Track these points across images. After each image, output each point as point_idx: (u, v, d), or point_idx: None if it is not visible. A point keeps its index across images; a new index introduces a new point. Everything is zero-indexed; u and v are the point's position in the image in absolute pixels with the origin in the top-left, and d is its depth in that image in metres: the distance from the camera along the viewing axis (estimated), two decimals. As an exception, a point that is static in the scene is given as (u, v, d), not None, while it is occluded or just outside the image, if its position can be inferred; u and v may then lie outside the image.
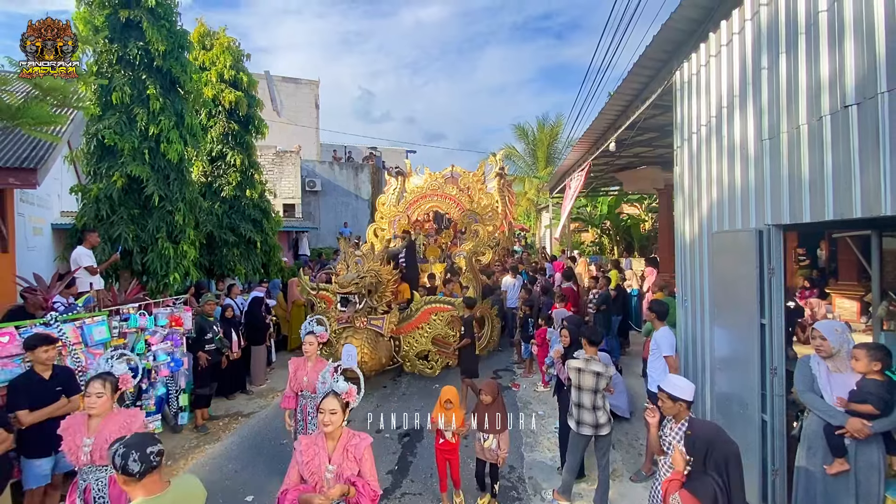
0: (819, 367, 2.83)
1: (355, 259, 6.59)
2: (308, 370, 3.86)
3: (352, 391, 2.51)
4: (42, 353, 3.36)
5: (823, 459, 2.72)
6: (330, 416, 2.33)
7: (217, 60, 8.76)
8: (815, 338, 2.82)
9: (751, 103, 3.37)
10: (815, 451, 2.76)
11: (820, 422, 2.73)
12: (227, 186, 8.66)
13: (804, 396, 2.82)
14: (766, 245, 3.19)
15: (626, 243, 17.24)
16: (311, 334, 4.03)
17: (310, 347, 3.93)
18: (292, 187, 16.48)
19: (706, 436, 2.21)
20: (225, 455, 4.81)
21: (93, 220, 6.10)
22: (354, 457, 2.33)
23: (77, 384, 3.65)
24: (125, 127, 6.23)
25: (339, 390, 2.46)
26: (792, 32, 2.89)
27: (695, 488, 2.13)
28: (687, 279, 4.54)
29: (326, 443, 2.36)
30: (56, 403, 3.38)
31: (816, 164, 2.72)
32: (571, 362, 3.74)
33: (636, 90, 5.97)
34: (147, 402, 4.88)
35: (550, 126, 21.43)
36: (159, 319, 5.06)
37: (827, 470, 2.67)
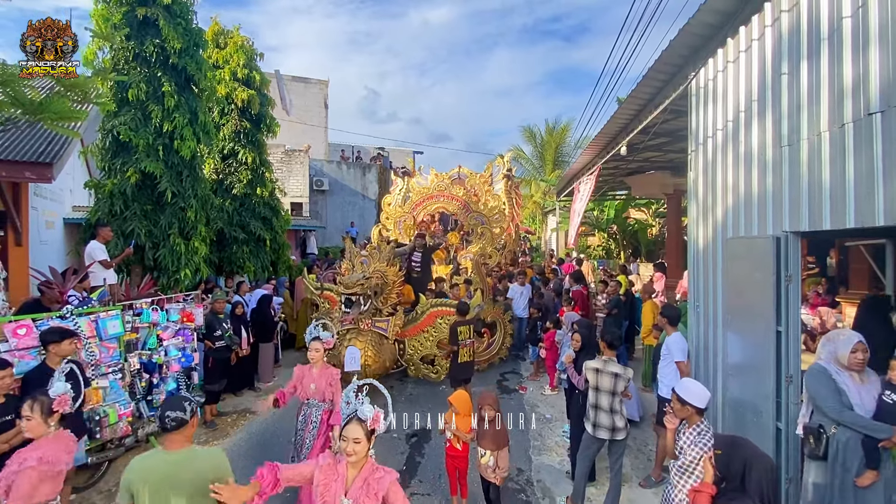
0: (843, 378, 2.73)
1: (360, 259, 6.56)
2: (314, 377, 3.70)
3: (378, 416, 2.19)
4: (67, 345, 3.43)
5: (857, 473, 2.62)
6: (353, 445, 2.07)
7: (230, 59, 8.83)
8: (857, 351, 2.71)
9: (770, 109, 3.36)
10: (850, 465, 2.63)
11: (855, 436, 2.62)
12: (238, 184, 8.72)
13: (844, 416, 2.67)
14: (784, 252, 3.17)
15: (632, 248, 17.19)
16: (317, 340, 3.83)
17: (315, 354, 3.75)
18: (300, 186, 16.56)
19: (741, 454, 2.12)
20: (234, 451, 4.83)
21: (106, 215, 6.15)
22: (375, 493, 2.07)
23: (87, 378, 3.68)
24: (140, 123, 6.28)
25: (365, 416, 2.14)
26: (814, 38, 2.88)
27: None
28: (699, 285, 4.52)
29: (347, 471, 2.12)
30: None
31: (838, 171, 2.70)
32: (589, 363, 3.73)
33: (650, 94, 5.96)
34: (157, 397, 4.91)
35: (560, 129, 21.39)
36: (171, 315, 5.09)
37: (858, 482, 2.58)
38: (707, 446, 2.52)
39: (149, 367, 4.83)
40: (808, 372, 2.90)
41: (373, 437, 2.18)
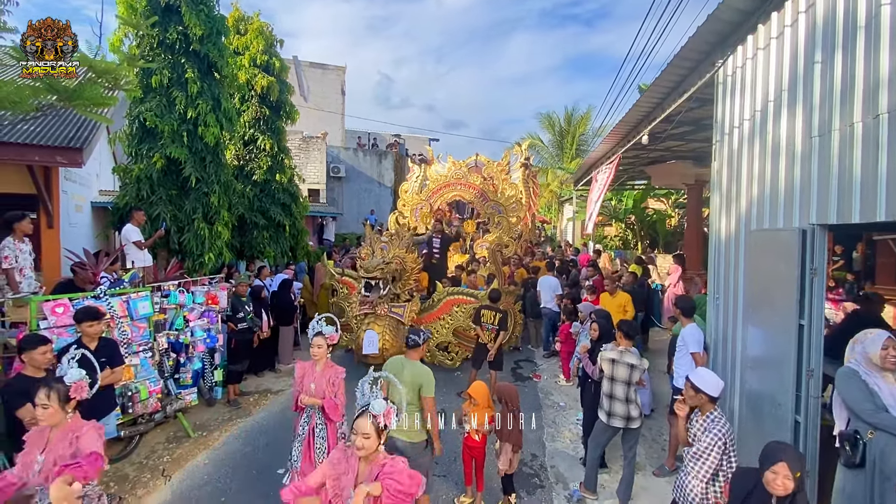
0: (874, 379, 2.62)
1: (381, 244, 6.65)
2: (316, 376, 3.46)
3: (390, 412, 2.14)
4: (87, 327, 3.46)
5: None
6: (363, 439, 2.05)
7: (251, 45, 8.89)
8: (889, 347, 2.60)
9: (801, 99, 3.27)
10: (889, 473, 2.48)
11: (893, 441, 2.48)
12: (258, 170, 8.86)
13: (881, 418, 2.53)
14: (810, 245, 3.12)
15: (650, 239, 16.97)
16: (320, 335, 3.56)
17: (318, 350, 3.50)
18: (317, 173, 16.69)
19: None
20: (256, 429, 5.02)
21: (134, 199, 6.33)
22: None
23: (121, 356, 3.81)
24: (165, 110, 6.41)
25: (376, 411, 2.10)
26: (850, 26, 2.79)
27: None
28: (720, 277, 4.47)
29: (359, 464, 2.12)
30: (101, 373, 3.53)
31: (870, 163, 2.64)
32: (605, 353, 3.76)
33: (675, 82, 5.82)
34: (184, 376, 5.11)
35: (579, 117, 21.01)
36: (197, 297, 5.26)
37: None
38: (721, 433, 2.55)
39: (176, 347, 5.02)
40: (838, 376, 2.80)
41: (384, 433, 2.14)
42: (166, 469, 4.19)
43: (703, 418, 2.68)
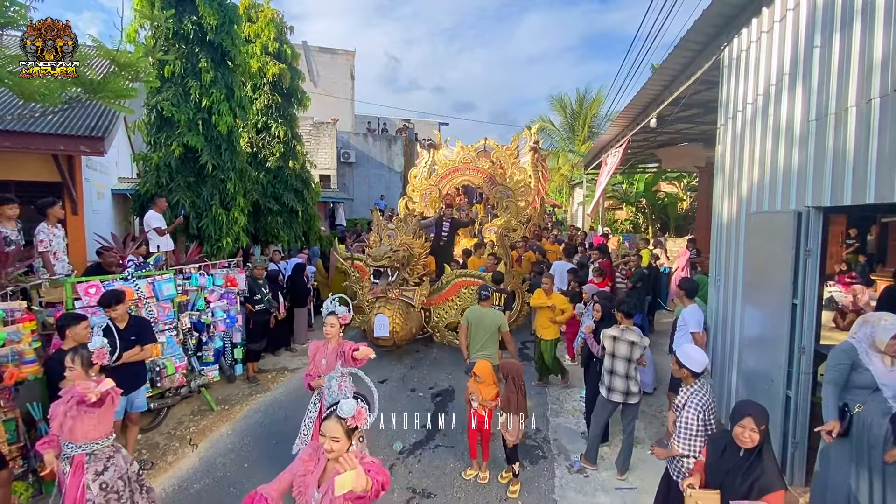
0: (871, 359, 2.73)
1: (388, 232, 6.82)
2: (328, 352, 3.60)
3: (361, 413, 1.96)
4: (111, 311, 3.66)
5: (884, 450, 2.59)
6: (332, 443, 1.91)
7: (262, 33, 9.00)
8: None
9: (801, 82, 3.32)
10: (875, 442, 2.62)
11: (883, 412, 2.61)
12: (271, 157, 9.05)
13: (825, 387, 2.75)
14: (805, 227, 3.22)
15: (661, 222, 16.89)
16: (333, 315, 3.66)
17: (331, 329, 3.60)
18: (328, 158, 16.86)
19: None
20: (274, 404, 5.31)
21: (154, 186, 6.59)
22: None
23: (151, 334, 4.02)
24: (181, 99, 6.60)
25: (344, 413, 1.92)
26: (848, 11, 2.83)
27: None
28: (721, 259, 4.57)
29: (326, 463, 2.00)
30: (130, 350, 3.70)
31: (862, 146, 2.72)
32: (607, 331, 3.92)
33: (682, 64, 5.83)
34: (206, 354, 5.41)
35: (591, 99, 20.70)
36: (216, 279, 5.52)
37: (887, 458, 2.57)
38: (699, 404, 2.72)
39: (198, 327, 5.31)
40: (834, 349, 2.90)
41: (354, 434, 1.98)
42: (193, 438, 4.51)
43: (685, 390, 2.86)
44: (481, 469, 3.97)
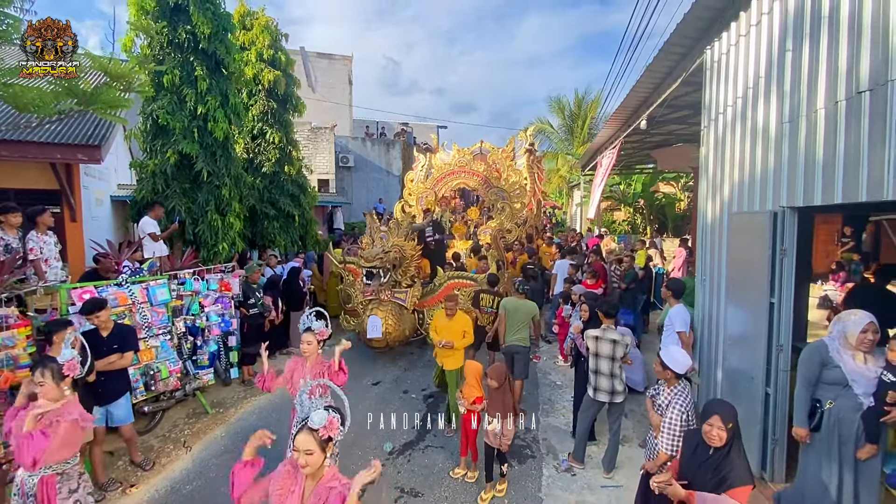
0: (842, 356, 2.78)
1: (380, 234, 6.89)
2: (305, 371, 3.40)
3: (332, 423, 1.92)
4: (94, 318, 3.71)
5: (856, 446, 2.69)
6: (305, 456, 1.88)
7: (256, 40, 9.11)
8: (868, 332, 2.71)
9: (775, 85, 3.38)
10: (846, 439, 2.70)
11: (851, 411, 2.69)
12: (267, 163, 9.15)
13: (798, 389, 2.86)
14: (780, 226, 3.27)
15: (659, 222, 16.93)
16: (309, 331, 3.45)
17: (308, 347, 3.41)
18: (326, 163, 16.97)
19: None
20: (269, 406, 5.38)
21: (150, 193, 6.68)
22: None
23: (134, 342, 4.00)
24: (176, 107, 6.70)
25: (315, 424, 1.90)
26: (816, 16, 2.90)
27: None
28: (707, 259, 4.62)
29: (305, 481, 1.96)
30: (108, 357, 3.71)
31: (830, 147, 2.78)
32: (590, 332, 3.99)
33: (669, 67, 5.90)
34: (201, 358, 5.48)
35: (590, 102, 20.73)
36: (211, 284, 5.60)
37: (859, 455, 2.66)
38: (683, 405, 2.77)
39: (193, 331, 5.39)
40: (806, 348, 2.96)
41: (329, 446, 1.94)
42: (187, 441, 4.58)
43: (669, 391, 2.91)
44: (469, 469, 4.03)
